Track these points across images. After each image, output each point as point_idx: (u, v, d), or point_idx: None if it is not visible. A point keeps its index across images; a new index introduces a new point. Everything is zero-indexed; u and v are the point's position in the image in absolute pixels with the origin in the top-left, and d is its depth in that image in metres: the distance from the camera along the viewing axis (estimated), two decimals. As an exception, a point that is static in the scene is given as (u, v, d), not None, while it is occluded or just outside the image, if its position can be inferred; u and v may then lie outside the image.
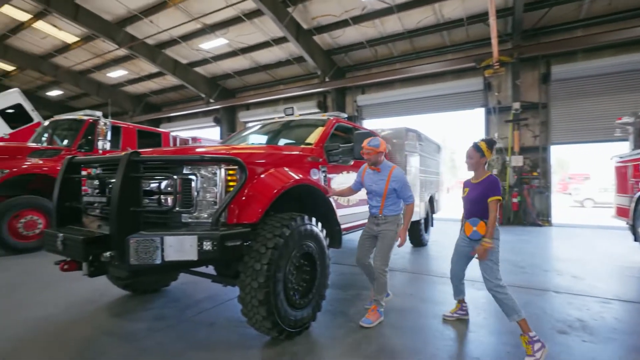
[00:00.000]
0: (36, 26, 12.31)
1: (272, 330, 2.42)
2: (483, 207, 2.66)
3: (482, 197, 2.67)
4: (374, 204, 3.07)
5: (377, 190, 3.03)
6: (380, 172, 3.04)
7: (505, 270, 4.73)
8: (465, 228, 2.79)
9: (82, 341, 2.59)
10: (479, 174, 2.77)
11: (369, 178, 3.10)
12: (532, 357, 2.30)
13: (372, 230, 3.10)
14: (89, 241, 2.09)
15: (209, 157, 2.26)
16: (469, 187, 2.84)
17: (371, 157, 2.99)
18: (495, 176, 2.75)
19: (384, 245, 3.01)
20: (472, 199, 2.75)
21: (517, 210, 10.00)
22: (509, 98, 10.32)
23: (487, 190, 2.65)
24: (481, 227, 2.66)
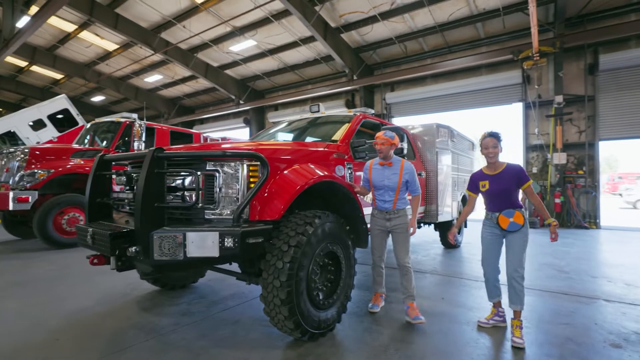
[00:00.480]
0: (81, 36, 13.17)
1: (294, 331, 2.35)
2: (515, 197, 2.67)
3: (512, 188, 2.66)
4: (387, 199, 2.98)
5: (390, 185, 2.96)
6: (392, 166, 2.98)
7: (547, 274, 4.39)
8: (500, 221, 2.67)
9: (112, 333, 2.66)
10: (497, 164, 2.74)
11: (379, 174, 3.00)
12: (520, 338, 2.47)
13: (383, 227, 3.04)
14: (116, 236, 2.13)
15: (231, 152, 2.23)
16: (488, 180, 2.75)
17: (384, 149, 2.92)
18: (514, 163, 2.75)
19: (403, 238, 3.00)
20: (499, 192, 2.68)
21: (560, 212, 9.32)
22: (551, 91, 9.66)
23: (516, 179, 2.66)
24: (518, 217, 2.61)
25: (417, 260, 5.31)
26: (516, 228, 2.62)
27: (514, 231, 2.63)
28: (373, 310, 3.06)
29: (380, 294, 3.18)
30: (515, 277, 2.61)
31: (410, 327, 2.78)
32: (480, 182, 2.78)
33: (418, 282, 4.08)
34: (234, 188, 2.31)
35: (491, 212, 2.76)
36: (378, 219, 3.06)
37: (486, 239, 2.80)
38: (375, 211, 3.10)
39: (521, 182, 2.66)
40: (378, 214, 3.07)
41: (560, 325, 2.82)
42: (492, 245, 2.77)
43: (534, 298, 3.51)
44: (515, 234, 2.63)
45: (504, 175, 2.68)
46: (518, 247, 2.62)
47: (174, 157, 2.26)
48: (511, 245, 2.65)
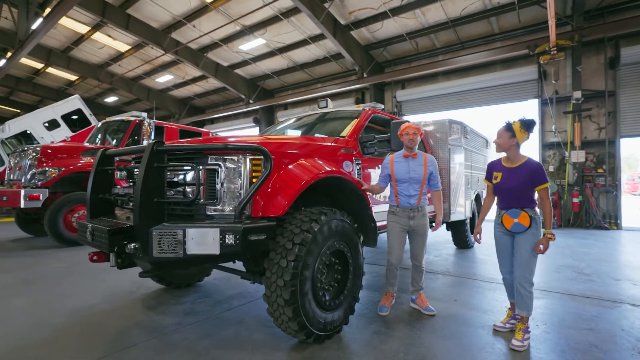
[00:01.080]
0: (94, 37, 13.36)
1: (299, 333, 2.25)
2: (525, 196, 2.44)
3: (525, 186, 2.42)
4: (412, 193, 2.88)
5: (416, 177, 2.87)
6: (417, 158, 2.93)
7: (567, 276, 4.17)
8: (503, 221, 2.48)
9: (115, 332, 2.61)
10: (514, 157, 2.51)
11: (403, 167, 2.91)
12: (520, 342, 2.34)
13: (405, 225, 2.91)
14: (114, 232, 2.06)
15: (233, 145, 2.14)
16: (502, 172, 2.53)
17: (416, 139, 2.86)
18: (535, 160, 2.49)
19: (423, 240, 2.95)
20: (511, 188, 2.46)
21: (579, 212, 8.98)
22: (568, 87, 9.32)
23: (532, 177, 2.41)
24: (524, 218, 2.40)
25: (429, 261, 5.14)
26: (520, 230, 2.43)
27: (520, 232, 2.45)
28: (382, 313, 2.91)
29: (392, 294, 3.05)
30: (522, 283, 2.43)
31: (421, 330, 2.65)
32: (495, 172, 2.60)
33: (430, 284, 3.93)
34: (237, 183, 2.22)
35: (499, 210, 2.60)
36: (400, 217, 2.93)
37: (498, 239, 2.65)
38: (398, 208, 2.95)
39: (536, 182, 2.41)
40: (400, 211, 2.93)
41: (583, 330, 2.64)
42: (502, 245, 2.60)
43: (553, 301, 3.33)
44: (523, 236, 2.43)
45: (520, 171, 2.46)
46: (526, 250, 2.42)
47: (174, 150, 2.19)
48: (519, 248, 2.47)
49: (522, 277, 2.43)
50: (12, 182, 6.16)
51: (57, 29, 12.76)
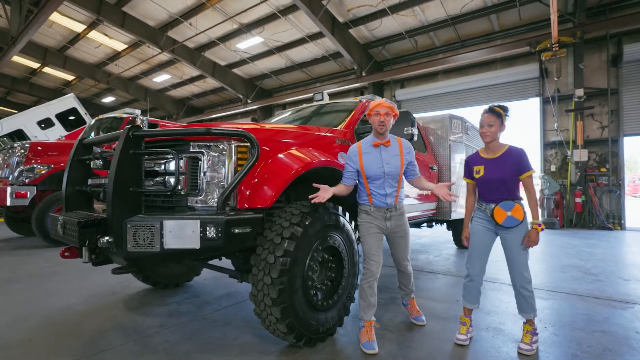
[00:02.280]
0: (90, 36, 13.22)
1: (288, 336, 2.06)
2: (514, 186, 2.24)
3: (512, 175, 2.22)
4: (388, 192, 2.30)
5: (392, 172, 2.28)
6: (391, 146, 2.32)
7: (573, 276, 3.99)
8: (495, 215, 2.23)
9: (92, 334, 2.42)
10: (496, 147, 2.29)
11: (374, 159, 2.29)
12: (529, 345, 2.17)
13: (382, 227, 2.34)
14: (85, 225, 1.88)
15: (216, 130, 1.97)
16: (484, 165, 2.30)
17: (387, 122, 2.26)
18: (517, 146, 2.29)
19: (406, 242, 2.47)
20: (498, 180, 2.24)
21: (582, 212, 8.81)
22: (570, 85, 9.17)
23: (517, 164, 2.21)
24: (517, 211, 2.20)
25: (428, 261, 4.96)
26: (514, 224, 2.20)
27: (510, 227, 2.22)
28: (372, 350, 2.13)
29: (372, 322, 2.29)
30: (523, 284, 2.21)
31: (420, 332, 2.46)
32: (475, 166, 2.35)
33: (431, 284, 3.75)
34: (221, 172, 2.04)
35: (485, 203, 2.32)
36: (375, 218, 2.34)
37: (478, 233, 2.34)
38: (372, 208, 2.34)
39: (521, 170, 2.21)
40: (375, 211, 2.33)
41: (595, 333, 2.46)
42: (482, 241, 2.33)
43: (560, 302, 3.14)
44: (513, 231, 2.22)
45: (504, 160, 2.24)
46: (520, 246, 2.21)
47: (152, 136, 2.01)
48: (512, 244, 2.23)
49: (522, 277, 2.21)
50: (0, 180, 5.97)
51: (53, 27, 12.63)
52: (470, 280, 2.35)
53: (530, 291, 2.22)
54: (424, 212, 4.69)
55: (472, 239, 2.38)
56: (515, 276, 2.24)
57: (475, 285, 2.35)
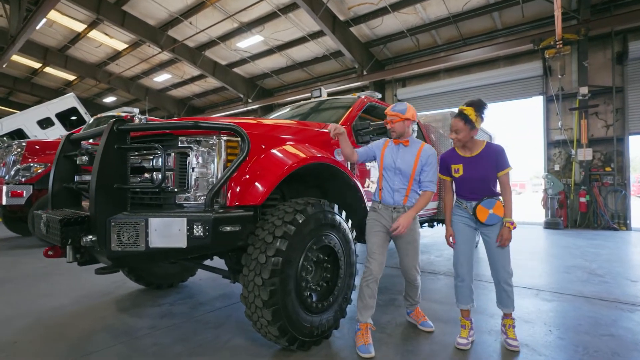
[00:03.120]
0: (91, 36, 13.19)
1: (280, 339, 1.98)
2: (493, 183, 2.22)
3: (492, 173, 2.19)
4: (397, 187, 2.28)
5: (403, 168, 2.27)
6: (409, 147, 2.34)
7: (578, 278, 3.88)
8: (477, 213, 2.19)
9: (79, 336, 2.35)
10: (473, 145, 2.24)
11: (392, 153, 2.34)
12: (515, 340, 2.17)
13: (386, 228, 2.29)
14: (68, 222, 1.80)
15: (204, 124, 1.88)
16: (462, 164, 2.25)
17: (396, 127, 2.30)
18: (494, 143, 2.26)
19: (414, 248, 2.36)
20: (477, 177, 2.21)
21: (586, 212, 8.66)
22: (574, 83, 9.03)
23: (496, 162, 2.18)
24: (499, 208, 2.17)
25: (429, 261, 4.86)
26: (496, 221, 2.18)
27: (491, 225, 2.19)
28: (369, 355, 2.05)
29: (369, 325, 2.19)
30: (506, 279, 2.21)
31: (420, 336, 2.37)
32: (453, 165, 2.28)
33: (431, 285, 3.66)
34: (210, 168, 1.96)
35: (465, 201, 2.27)
36: (381, 215, 2.31)
37: (461, 231, 2.29)
38: (380, 205, 2.34)
39: (499, 167, 2.17)
40: (383, 208, 2.31)
41: (603, 337, 2.36)
42: (467, 238, 2.28)
43: (565, 304, 3.04)
44: (494, 229, 2.20)
45: (483, 158, 2.18)
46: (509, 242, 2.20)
47: (137, 130, 1.93)
48: (493, 242, 2.20)
49: (505, 272, 2.20)
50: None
51: (54, 27, 12.62)
52: (461, 280, 2.28)
53: (511, 286, 2.22)
54: (425, 211, 4.60)
55: (456, 237, 2.31)
56: (498, 272, 2.22)
57: (467, 284, 2.27)
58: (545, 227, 8.70)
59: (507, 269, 2.21)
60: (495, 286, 2.28)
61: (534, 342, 2.26)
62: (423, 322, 2.48)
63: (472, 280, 2.29)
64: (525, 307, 2.94)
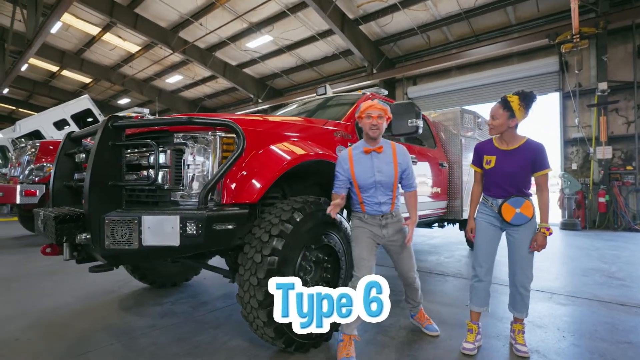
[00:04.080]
0: (105, 39, 13.48)
1: (277, 340, 1.92)
2: (525, 182, 2.05)
3: (526, 171, 2.03)
4: (382, 200, 2.08)
5: (385, 181, 2.06)
6: (383, 152, 2.09)
7: (596, 281, 3.70)
8: (503, 212, 2.05)
9: (79, 334, 2.34)
10: (511, 138, 2.08)
11: (365, 167, 2.07)
12: (524, 346, 2.05)
13: (377, 237, 2.13)
14: (63, 220, 1.79)
15: (198, 120, 1.84)
16: (496, 156, 2.10)
17: (380, 124, 2.04)
18: (536, 140, 2.07)
19: (409, 251, 2.22)
20: (509, 174, 2.04)
21: (605, 212, 8.33)
22: (592, 78, 8.71)
23: (533, 160, 2.02)
24: (527, 208, 2.02)
25: (439, 262, 4.73)
26: (523, 221, 2.03)
27: (518, 225, 2.05)
28: None
29: (353, 336, 1.99)
30: (525, 284, 2.07)
31: (424, 339, 2.27)
32: (486, 156, 2.13)
33: (440, 287, 3.55)
34: (205, 165, 1.92)
35: (492, 198, 2.14)
36: (369, 224, 2.13)
37: (483, 229, 2.16)
38: (365, 216, 2.13)
39: (538, 167, 2.01)
40: (369, 218, 2.12)
41: (621, 344, 2.21)
42: (488, 237, 2.14)
43: (581, 308, 2.89)
44: (521, 229, 2.05)
45: (520, 154, 2.03)
46: (527, 246, 2.04)
47: (132, 126, 1.90)
48: (518, 243, 2.06)
49: (525, 277, 2.07)
50: (10, 177, 6.08)
51: (69, 30, 12.94)
52: (479, 281, 2.15)
53: (529, 290, 2.10)
54: (434, 210, 4.48)
55: (478, 236, 2.19)
56: (517, 275, 2.09)
57: (484, 286, 2.15)
58: (562, 228, 8.40)
59: (527, 273, 2.07)
60: (510, 288, 2.15)
61: (546, 348, 2.14)
62: (428, 326, 2.38)
63: (491, 283, 2.17)
64: (538, 310, 2.81)
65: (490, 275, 2.16)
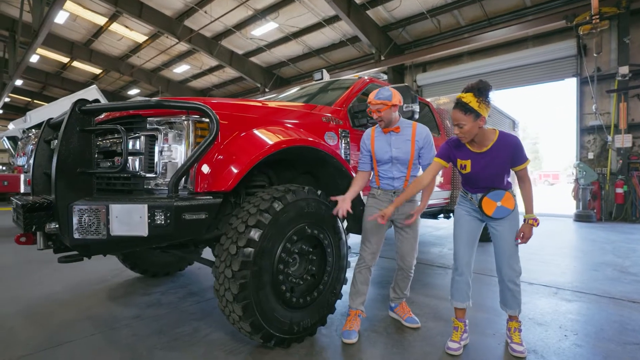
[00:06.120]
0: (112, 28, 13.48)
1: (254, 335, 1.83)
2: (504, 176, 1.93)
3: (505, 167, 1.89)
4: (396, 175, 2.20)
5: (400, 156, 2.17)
6: (401, 132, 2.19)
7: (607, 276, 3.49)
8: (484, 206, 1.93)
9: (60, 324, 2.31)
10: (483, 138, 1.89)
11: (383, 143, 2.21)
12: (521, 345, 1.94)
13: None
14: (31, 208, 1.72)
15: (168, 103, 1.73)
16: (470, 160, 1.92)
17: (383, 115, 2.12)
18: (509, 133, 1.93)
19: (413, 235, 2.24)
20: (488, 174, 1.90)
21: (623, 204, 7.96)
22: (613, 62, 8.23)
23: (512, 157, 1.87)
24: (508, 200, 1.91)
25: (441, 254, 4.58)
26: (504, 214, 1.93)
27: (499, 218, 1.95)
28: (349, 340, 2.04)
29: (359, 312, 2.19)
30: (512, 279, 1.97)
31: (414, 336, 2.15)
32: (460, 160, 1.96)
33: (438, 280, 3.41)
34: (177, 152, 1.82)
35: (471, 193, 2.01)
36: (381, 201, 2.23)
37: (463, 220, 2.05)
38: (379, 191, 2.26)
39: (516, 162, 1.88)
40: (382, 194, 2.24)
41: (628, 345, 2.05)
42: (470, 230, 2.02)
43: (588, 305, 2.71)
44: (504, 222, 1.95)
45: (497, 153, 1.87)
46: (511, 237, 1.94)
47: (100, 110, 1.81)
48: (502, 236, 1.96)
49: (512, 271, 1.96)
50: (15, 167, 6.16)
51: (77, 21, 12.98)
52: (460, 274, 2.03)
53: (518, 285, 1.99)
54: (437, 200, 4.30)
55: (457, 228, 2.06)
56: (504, 269, 1.97)
57: (465, 279, 2.03)
58: (576, 219, 8.09)
59: (515, 267, 1.96)
60: (499, 284, 2.04)
61: (545, 348, 2.00)
62: (408, 318, 2.30)
63: (471, 275, 2.05)
64: (540, 307, 2.65)
65: (471, 267, 2.04)
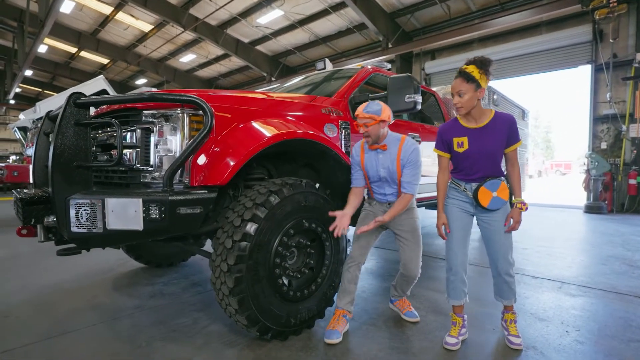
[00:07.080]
0: (118, 18, 13.45)
1: (250, 328, 1.84)
2: (499, 159, 1.89)
3: (502, 145, 1.85)
4: (387, 192, 2.12)
5: (389, 176, 2.06)
6: (388, 150, 2.05)
7: (615, 270, 3.42)
8: (480, 197, 1.88)
9: (65, 313, 2.37)
10: (480, 114, 1.88)
11: (371, 161, 2.10)
12: (518, 337, 1.93)
13: None
14: (29, 202, 1.74)
15: (161, 96, 1.71)
16: (467, 136, 1.89)
17: (370, 131, 1.98)
18: (503, 112, 1.92)
19: (416, 244, 2.14)
20: (487, 151, 1.85)
21: (636, 195, 7.76)
22: (630, 48, 7.91)
23: (507, 134, 1.85)
24: (503, 190, 1.87)
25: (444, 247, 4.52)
26: (500, 205, 1.89)
27: (493, 210, 1.90)
28: (331, 340, 1.95)
29: (344, 312, 2.08)
30: (508, 270, 1.94)
31: (412, 330, 2.15)
32: (456, 138, 1.91)
33: (439, 273, 3.39)
34: (173, 145, 1.80)
35: (464, 182, 1.94)
36: (376, 209, 2.19)
37: (456, 217, 1.97)
38: (373, 201, 2.21)
39: (510, 141, 1.85)
40: (377, 204, 2.19)
41: (633, 343, 2.00)
42: (462, 225, 1.97)
43: (593, 300, 2.66)
44: (497, 214, 1.91)
45: (494, 129, 1.85)
46: (503, 230, 1.90)
47: (95, 103, 1.79)
48: (494, 227, 1.92)
49: (507, 262, 1.93)
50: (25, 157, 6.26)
51: (83, 10, 12.98)
52: (454, 274, 1.99)
53: (513, 276, 1.97)
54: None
55: (450, 224, 2.00)
56: (499, 261, 1.94)
57: (460, 278, 1.99)
58: (586, 211, 7.93)
59: (509, 259, 1.93)
60: (494, 278, 2.01)
61: (544, 345, 1.97)
62: (407, 312, 2.27)
63: (466, 272, 2.02)
64: (543, 302, 2.61)
65: (466, 265, 2.00)
